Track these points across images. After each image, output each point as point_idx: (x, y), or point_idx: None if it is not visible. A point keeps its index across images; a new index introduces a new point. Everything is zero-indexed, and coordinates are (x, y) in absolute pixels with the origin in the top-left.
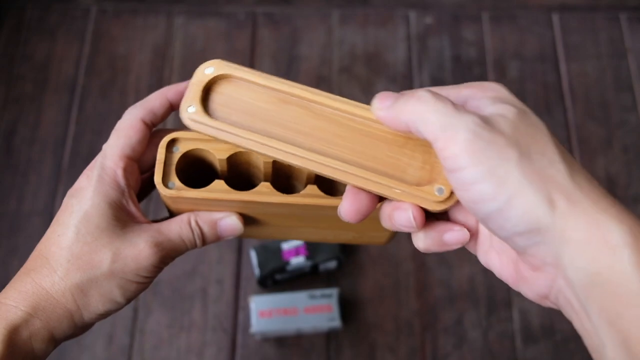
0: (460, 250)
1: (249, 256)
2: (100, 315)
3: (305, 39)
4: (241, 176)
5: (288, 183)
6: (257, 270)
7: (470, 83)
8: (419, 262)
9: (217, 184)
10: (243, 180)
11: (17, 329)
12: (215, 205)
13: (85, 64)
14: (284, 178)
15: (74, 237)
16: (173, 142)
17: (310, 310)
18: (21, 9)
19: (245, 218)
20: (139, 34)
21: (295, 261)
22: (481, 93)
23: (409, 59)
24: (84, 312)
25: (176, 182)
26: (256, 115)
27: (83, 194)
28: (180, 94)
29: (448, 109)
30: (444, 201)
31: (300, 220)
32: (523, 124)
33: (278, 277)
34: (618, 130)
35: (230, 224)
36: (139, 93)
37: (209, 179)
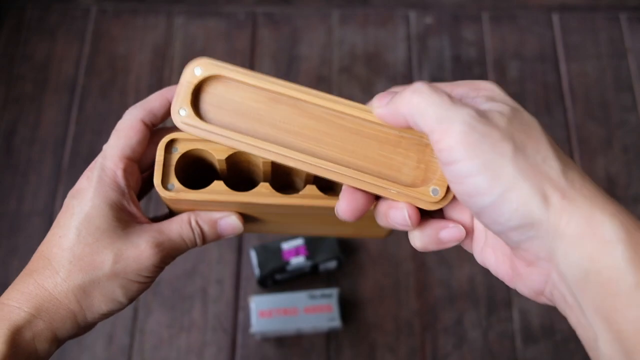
0: (460, 251)
1: (249, 256)
2: (103, 315)
3: (305, 39)
4: (241, 174)
5: (288, 179)
6: (257, 270)
7: (464, 81)
8: (419, 262)
9: (217, 185)
10: (243, 178)
11: (20, 329)
12: (215, 206)
13: (85, 64)
14: (284, 175)
15: (75, 239)
16: (172, 143)
17: (310, 310)
18: (21, 9)
19: (245, 216)
20: (139, 34)
21: (295, 261)
22: (475, 92)
23: (409, 59)
24: (87, 313)
25: (175, 184)
26: (247, 115)
27: (83, 195)
28: None
29: (444, 102)
30: (438, 201)
31: (299, 217)
32: (517, 120)
33: (278, 277)
34: (618, 130)
35: (230, 223)
36: (139, 93)
37: (209, 178)
